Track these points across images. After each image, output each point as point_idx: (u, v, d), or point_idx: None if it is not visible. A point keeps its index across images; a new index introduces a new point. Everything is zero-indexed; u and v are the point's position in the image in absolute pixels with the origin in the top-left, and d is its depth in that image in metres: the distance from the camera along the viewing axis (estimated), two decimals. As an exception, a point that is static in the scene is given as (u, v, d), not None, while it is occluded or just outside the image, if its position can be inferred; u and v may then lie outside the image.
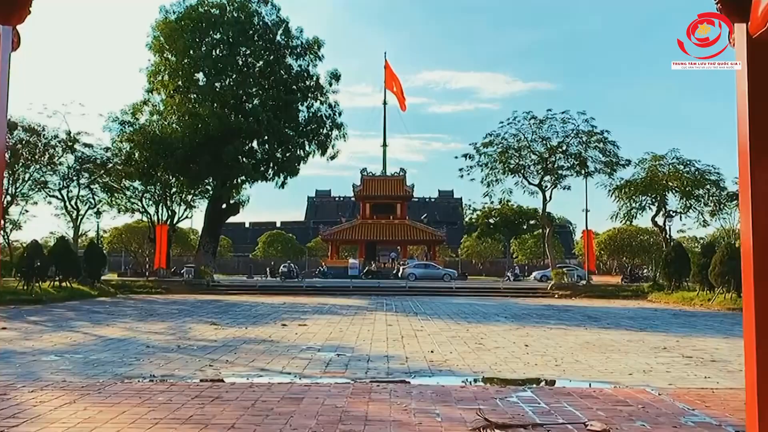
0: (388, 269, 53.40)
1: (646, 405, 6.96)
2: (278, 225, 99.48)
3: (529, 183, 38.92)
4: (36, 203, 34.82)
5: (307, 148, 38.43)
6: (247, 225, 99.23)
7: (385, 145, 75.06)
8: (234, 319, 17.70)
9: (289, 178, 38.30)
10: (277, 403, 6.78)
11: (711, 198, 36.00)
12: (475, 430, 5.77)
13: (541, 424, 6.03)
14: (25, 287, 25.13)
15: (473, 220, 56.55)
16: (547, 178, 38.30)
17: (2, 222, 30.60)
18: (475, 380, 8.81)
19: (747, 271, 2.50)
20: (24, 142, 31.48)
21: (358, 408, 6.62)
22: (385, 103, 74.74)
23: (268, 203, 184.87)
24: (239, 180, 37.71)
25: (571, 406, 6.78)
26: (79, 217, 35.74)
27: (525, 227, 59.41)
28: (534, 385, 8.32)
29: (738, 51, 2.57)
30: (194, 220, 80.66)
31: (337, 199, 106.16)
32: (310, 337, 13.31)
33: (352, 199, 70.55)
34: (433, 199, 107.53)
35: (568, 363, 10.22)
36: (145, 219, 42.17)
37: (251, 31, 37.63)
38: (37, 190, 33.92)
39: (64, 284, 27.74)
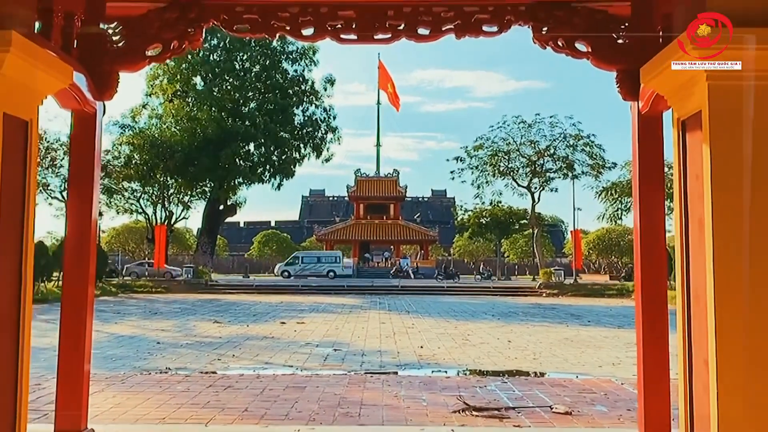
0: (381, 268, 54.41)
1: (608, 392, 7.91)
2: (273, 224, 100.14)
3: (518, 185, 40.11)
4: (37, 204, 35.59)
5: (302, 150, 39.42)
6: (242, 224, 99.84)
7: (378, 144, 76.05)
8: (235, 317, 18.62)
9: (284, 180, 39.30)
10: (283, 391, 7.70)
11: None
12: (455, 412, 6.71)
13: (512, 407, 6.99)
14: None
15: (464, 221, 57.67)
16: (535, 180, 39.48)
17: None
18: (459, 371, 9.78)
19: (636, 267, 3.44)
20: (26, 145, 32.21)
21: (354, 395, 7.55)
22: (378, 103, 75.69)
23: (262, 202, 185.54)
24: (236, 182, 38.65)
25: (541, 393, 7.73)
26: (80, 218, 36.50)
27: (517, 227, 60.48)
28: (511, 376, 9.27)
29: (632, 122, 3.48)
30: (188, 220, 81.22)
31: (331, 198, 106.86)
32: (308, 334, 14.25)
33: (346, 198, 71.47)
34: (426, 199, 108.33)
35: (545, 357, 11.19)
36: (142, 219, 43.01)
37: (248, 37, 38.52)
38: (38, 191, 34.74)
39: (67, 284, 28.47)
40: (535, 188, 39.83)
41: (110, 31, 3.37)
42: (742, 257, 2.26)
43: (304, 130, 39.12)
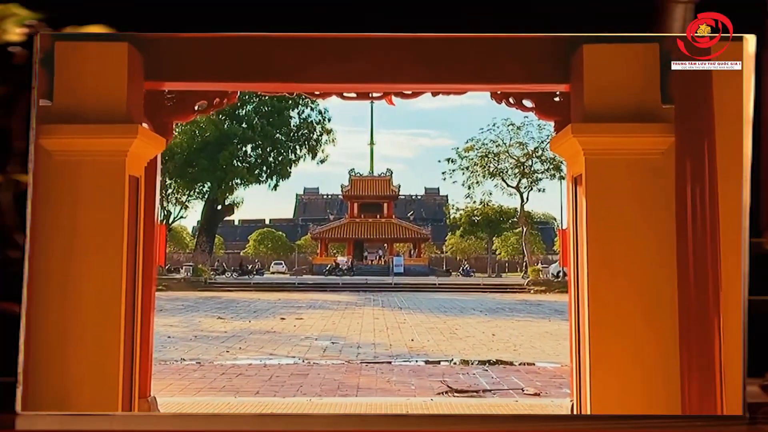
0: (376, 266, 55.43)
1: (575, 378, 9.02)
2: (267, 222, 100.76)
3: (508, 185, 41.40)
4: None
5: (298, 152, 40.43)
6: (236, 222, 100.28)
7: (372, 143, 76.72)
8: (237, 314, 19.64)
9: (281, 180, 40.34)
10: (288, 378, 8.77)
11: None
12: (439, 393, 7.81)
13: (489, 390, 8.10)
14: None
15: (456, 219, 58.81)
16: (524, 181, 40.76)
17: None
18: (446, 361, 10.87)
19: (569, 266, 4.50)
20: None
21: (352, 381, 8.63)
22: (372, 101, 76.41)
23: (258, 200, 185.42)
24: (234, 182, 39.63)
25: (516, 379, 8.83)
26: (81, 218, 37.42)
27: (507, 225, 61.57)
28: (491, 365, 10.37)
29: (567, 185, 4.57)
30: (186, 219, 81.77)
31: (325, 196, 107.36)
32: (307, 329, 15.30)
33: (340, 196, 72.34)
34: (419, 197, 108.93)
35: (524, 348, 12.28)
36: (141, 219, 43.75)
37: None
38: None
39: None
40: (524, 188, 41.14)
41: (166, 90, 4.41)
42: (607, 271, 3.45)
43: (300, 132, 40.12)
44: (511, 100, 4.42)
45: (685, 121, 3.38)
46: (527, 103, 4.41)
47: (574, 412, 3.95)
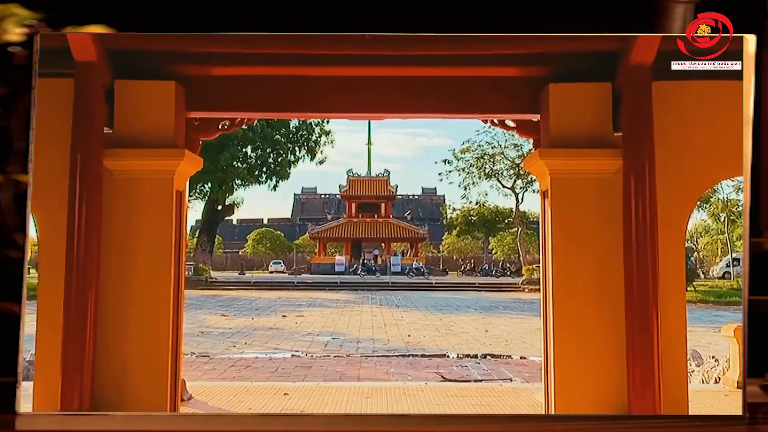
0: (374, 265, 55.99)
1: (561, 370, 9.66)
2: (265, 222, 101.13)
3: (503, 186, 42.00)
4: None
5: (297, 153, 40.89)
6: (234, 222, 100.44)
7: (369, 143, 77.06)
8: (239, 312, 20.17)
9: (280, 181, 40.82)
10: (293, 369, 9.38)
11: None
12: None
13: (480, 380, 8.76)
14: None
15: (453, 219, 59.50)
16: (518, 182, 41.34)
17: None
18: (440, 355, 11.49)
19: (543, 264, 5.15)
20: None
21: (353, 372, 9.26)
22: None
23: (256, 199, 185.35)
24: (234, 183, 40.11)
25: (506, 370, 9.48)
26: (83, 218, 37.89)
27: (503, 225, 62.10)
28: (483, 358, 11.01)
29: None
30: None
31: (323, 196, 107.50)
32: (309, 325, 15.85)
33: (338, 196, 72.75)
34: (416, 197, 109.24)
35: (515, 343, 12.90)
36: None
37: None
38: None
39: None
40: (519, 189, 41.70)
41: (195, 113, 5.07)
42: (567, 272, 4.23)
43: (299, 134, 40.56)
44: (495, 120, 5.09)
45: (630, 146, 4.13)
46: (509, 123, 5.09)
47: (542, 393, 4.64)
